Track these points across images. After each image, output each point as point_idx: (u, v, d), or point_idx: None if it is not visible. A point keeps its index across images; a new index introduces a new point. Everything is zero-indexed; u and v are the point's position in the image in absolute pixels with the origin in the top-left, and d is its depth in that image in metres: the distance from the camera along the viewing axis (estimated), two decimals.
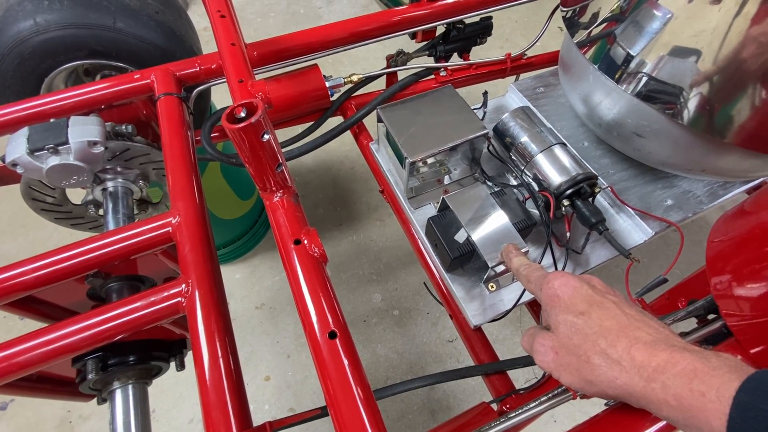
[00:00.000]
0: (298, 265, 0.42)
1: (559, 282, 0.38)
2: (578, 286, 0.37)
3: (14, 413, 1.18)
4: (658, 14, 0.56)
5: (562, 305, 0.37)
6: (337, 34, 0.80)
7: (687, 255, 0.60)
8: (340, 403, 0.34)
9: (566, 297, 0.37)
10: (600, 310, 0.35)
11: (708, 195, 0.69)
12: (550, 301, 0.38)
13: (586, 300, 0.36)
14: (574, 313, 0.36)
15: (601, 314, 0.35)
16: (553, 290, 0.38)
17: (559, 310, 0.37)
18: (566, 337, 0.35)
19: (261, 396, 1.21)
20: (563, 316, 0.36)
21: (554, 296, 0.38)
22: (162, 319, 0.48)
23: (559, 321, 0.36)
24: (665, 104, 0.55)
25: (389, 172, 0.74)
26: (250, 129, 0.34)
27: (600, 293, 0.37)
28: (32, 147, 0.58)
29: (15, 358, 0.45)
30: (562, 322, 0.36)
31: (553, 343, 0.36)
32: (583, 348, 0.34)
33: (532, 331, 0.41)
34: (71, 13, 0.72)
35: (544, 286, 0.39)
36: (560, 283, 0.38)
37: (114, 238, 0.52)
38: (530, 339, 0.40)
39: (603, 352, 0.33)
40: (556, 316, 0.37)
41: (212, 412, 0.42)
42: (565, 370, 0.35)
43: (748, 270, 0.45)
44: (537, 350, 0.38)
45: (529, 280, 0.43)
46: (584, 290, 0.37)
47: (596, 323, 0.34)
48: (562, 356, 0.35)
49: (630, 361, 0.31)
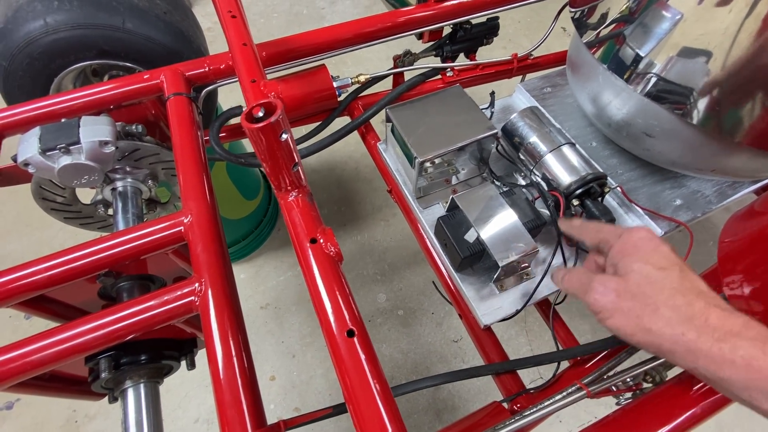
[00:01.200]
0: (315, 264, 0.42)
1: (643, 234, 0.39)
2: (660, 244, 0.38)
3: (20, 413, 1.18)
4: (667, 15, 0.56)
5: (640, 255, 0.37)
6: (345, 35, 0.80)
7: (692, 255, 0.60)
8: (359, 401, 0.34)
9: (648, 249, 0.37)
10: (681, 270, 0.36)
11: (717, 195, 0.69)
12: (627, 249, 0.38)
13: (667, 258, 0.37)
14: (654, 265, 0.36)
15: (682, 275, 0.35)
16: (633, 240, 0.39)
17: (636, 258, 0.37)
18: (636, 284, 0.36)
19: (266, 396, 1.22)
20: (640, 265, 0.37)
21: (634, 246, 0.38)
22: (175, 318, 0.48)
23: (633, 268, 0.37)
24: (675, 104, 0.55)
25: (397, 172, 0.75)
26: (269, 129, 0.35)
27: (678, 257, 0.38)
28: (44, 147, 0.59)
29: (29, 357, 0.46)
30: (636, 271, 0.36)
31: (618, 287, 0.36)
32: (654, 298, 0.34)
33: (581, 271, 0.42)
34: (81, 14, 0.72)
35: (625, 234, 0.40)
36: (644, 236, 0.39)
37: (126, 238, 0.52)
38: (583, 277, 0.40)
39: (677, 307, 0.33)
40: (631, 263, 0.37)
41: (227, 411, 0.42)
42: (621, 314, 0.36)
43: (761, 270, 0.45)
44: (595, 288, 0.38)
45: (600, 228, 0.43)
46: (665, 249, 0.37)
47: (676, 281, 0.35)
48: (624, 300, 0.36)
49: (704, 321, 0.32)
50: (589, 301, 0.38)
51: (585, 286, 0.39)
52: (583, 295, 0.39)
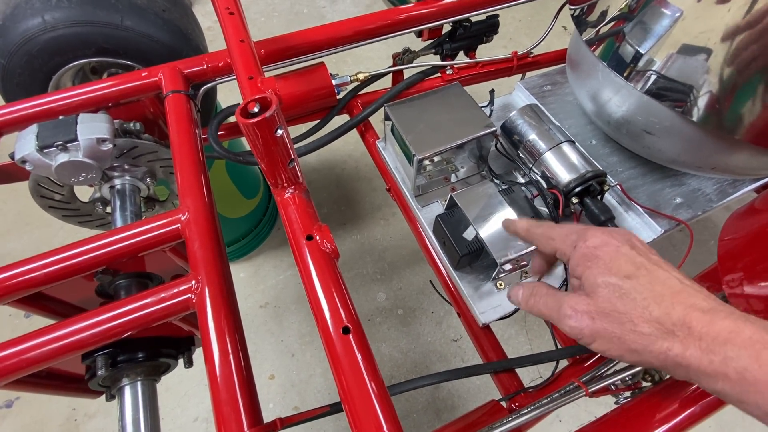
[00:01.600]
0: (311, 261, 0.42)
1: (599, 240, 0.34)
2: (619, 246, 0.33)
3: (20, 411, 1.18)
4: (667, 12, 0.55)
5: (601, 266, 0.33)
6: (344, 32, 0.80)
7: (693, 255, 0.60)
8: (355, 399, 0.34)
9: (607, 257, 0.33)
10: (648, 273, 0.32)
11: (717, 193, 0.68)
12: (586, 261, 0.34)
13: (631, 261, 0.32)
14: (618, 275, 0.32)
15: (651, 278, 0.31)
16: (589, 249, 0.34)
17: (599, 271, 0.33)
18: (607, 301, 0.32)
19: (265, 395, 1.21)
20: (604, 278, 0.32)
21: (592, 256, 0.33)
22: (172, 316, 0.48)
23: (598, 283, 0.32)
24: (675, 101, 0.55)
25: (396, 170, 0.74)
26: (264, 124, 0.34)
27: (644, 254, 0.33)
28: (41, 144, 0.59)
29: (25, 354, 0.46)
30: (602, 285, 0.32)
31: (589, 308, 0.32)
32: (629, 314, 0.31)
33: (546, 290, 0.37)
34: (79, 11, 0.72)
35: (579, 243, 0.35)
36: (600, 242, 0.34)
37: (124, 235, 0.52)
38: (549, 301, 0.36)
39: (655, 320, 0.30)
40: (595, 278, 0.33)
41: (223, 408, 0.42)
42: (603, 338, 0.32)
43: (761, 268, 0.45)
44: (567, 314, 0.33)
45: (551, 236, 0.38)
46: (626, 251, 0.33)
47: (646, 288, 0.31)
48: (600, 323, 0.32)
49: (686, 330, 0.29)
50: (565, 329, 0.34)
51: (555, 312, 0.35)
52: (557, 322, 0.35)
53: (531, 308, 0.38)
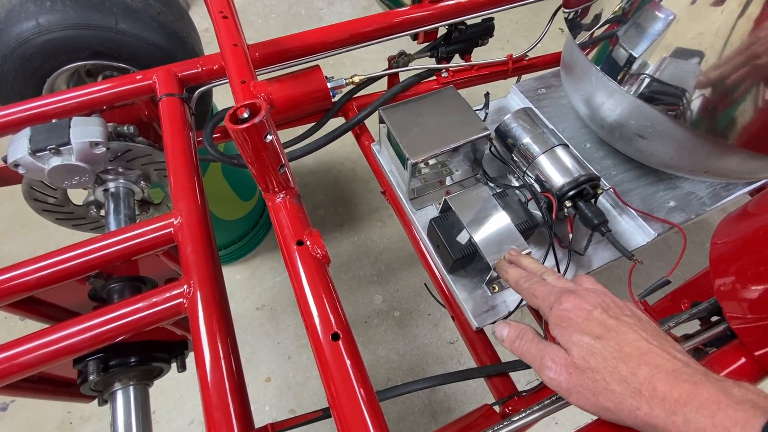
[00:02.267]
0: (301, 267, 0.42)
1: (572, 305, 0.37)
2: (591, 310, 0.36)
3: (15, 414, 1.18)
4: (660, 16, 0.56)
5: (574, 326, 0.36)
6: (339, 36, 0.80)
7: (688, 256, 0.60)
8: (343, 406, 0.34)
9: (580, 320, 0.36)
10: (618, 335, 0.34)
11: (711, 196, 0.69)
12: (561, 322, 0.37)
13: (601, 324, 0.35)
14: (590, 335, 0.35)
15: (619, 339, 0.34)
16: (563, 312, 0.37)
17: (572, 330, 0.36)
18: (582, 359, 0.34)
19: (262, 397, 1.21)
20: (578, 336, 0.35)
21: (565, 318, 0.37)
22: (164, 320, 0.48)
23: (573, 342, 0.35)
24: (668, 105, 0.55)
25: (391, 173, 0.74)
26: (253, 130, 0.34)
27: (615, 315, 0.36)
28: (34, 147, 0.58)
29: (16, 359, 0.45)
30: (576, 344, 0.35)
31: (567, 363, 0.35)
32: (602, 373, 0.33)
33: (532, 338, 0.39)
34: (74, 14, 0.72)
35: (555, 305, 0.38)
36: (572, 306, 0.37)
37: (116, 239, 0.52)
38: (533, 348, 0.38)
39: (624, 379, 0.32)
40: (569, 336, 0.36)
41: (214, 414, 0.42)
42: (579, 394, 0.34)
43: (753, 272, 0.45)
44: (547, 366, 0.36)
45: (535, 295, 0.42)
46: (598, 314, 0.36)
47: (615, 348, 0.33)
48: (576, 378, 0.34)
49: (651, 391, 0.30)
50: (544, 379, 0.37)
51: (537, 360, 0.38)
52: (537, 370, 0.37)
53: (515, 350, 0.40)
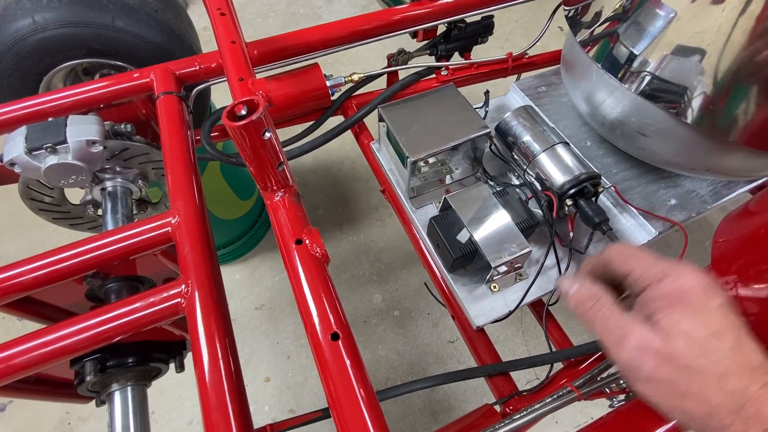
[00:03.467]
0: (300, 266, 0.41)
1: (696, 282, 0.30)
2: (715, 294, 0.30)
3: (13, 415, 1.17)
4: (661, 13, 0.55)
5: (690, 312, 0.30)
6: (338, 33, 0.79)
7: (688, 255, 0.60)
8: (343, 406, 0.33)
9: (700, 303, 0.30)
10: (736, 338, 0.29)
11: (712, 194, 0.68)
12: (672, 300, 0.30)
13: (722, 317, 0.29)
14: (707, 328, 0.29)
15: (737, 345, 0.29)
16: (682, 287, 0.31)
17: (686, 314, 0.30)
18: (684, 354, 0.29)
19: (261, 397, 1.21)
20: (690, 324, 0.29)
21: (681, 297, 0.30)
22: (161, 320, 0.48)
23: (681, 329, 0.29)
24: (669, 103, 0.55)
25: (390, 172, 0.74)
26: (251, 127, 0.34)
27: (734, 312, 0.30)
28: (30, 146, 0.58)
29: (13, 360, 0.45)
30: (686, 333, 0.29)
31: (662, 350, 0.29)
32: (705, 377, 0.28)
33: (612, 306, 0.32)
34: (70, 12, 0.71)
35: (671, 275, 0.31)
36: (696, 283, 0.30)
37: (113, 238, 0.52)
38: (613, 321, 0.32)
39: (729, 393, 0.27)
40: (678, 320, 0.29)
41: (212, 415, 0.41)
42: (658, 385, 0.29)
43: (755, 270, 0.45)
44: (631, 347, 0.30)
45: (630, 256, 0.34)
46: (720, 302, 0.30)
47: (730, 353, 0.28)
48: (666, 372, 0.29)
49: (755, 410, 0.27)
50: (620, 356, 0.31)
51: (615, 335, 0.31)
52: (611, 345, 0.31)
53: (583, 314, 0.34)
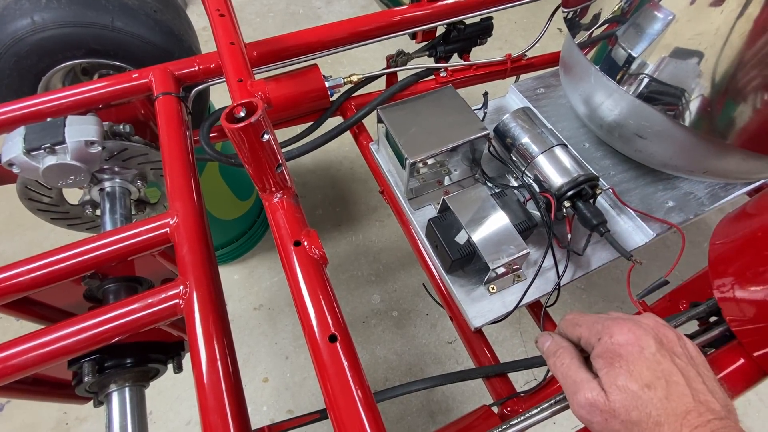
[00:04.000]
0: (298, 267, 0.41)
1: (624, 338, 0.34)
2: (645, 348, 0.34)
3: (10, 415, 1.17)
4: (659, 16, 0.55)
5: (623, 368, 0.33)
6: (337, 34, 0.79)
7: (686, 257, 0.60)
8: (341, 407, 0.33)
9: (630, 359, 0.33)
10: (667, 384, 0.32)
11: (709, 197, 0.68)
12: (609, 358, 0.34)
13: (653, 368, 0.33)
14: (638, 383, 0.32)
15: (668, 392, 0.32)
16: (614, 346, 0.34)
17: (619, 372, 0.33)
18: (623, 408, 0.32)
19: (259, 398, 1.21)
20: (623, 381, 0.33)
21: (615, 354, 0.34)
22: (160, 321, 0.48)
23: (618, 386, 0.33)
24: (667, 105, 0.55)
25: (389, 173, 0.74)
26: (250, 129, 0.34)
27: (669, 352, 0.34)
28: (29, 146, 0.58)
29: (11, 361, 0.45)
30: (621, 389, 0.33)
31: (605, 407, 0.33)
32: (641, 427, 0.32)
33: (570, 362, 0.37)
34: (69, 12, 0.71)
35: (604, 336, 0.35)
36: (625, 340, 0.34)
37: (111, 239, 0.52)
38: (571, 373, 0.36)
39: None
40: (615, 378, 0.33)
41: (210, 416, 0.41)
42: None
43: (751, 272, 0.45)
44: (581, 403, 0.34)
45: (578, 323, 0.39)
46: (651, 354, 0.33)
47: (661, 402, 0.31)
48: (611, 424, 0.33)
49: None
50: (574, 411, 0.35)
51: (570, 390, 0.36)
52: (569, 399, 0.36)
53: (549, 366, 0.39)
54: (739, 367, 0.45)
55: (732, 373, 0.45)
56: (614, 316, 0.37)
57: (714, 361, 0.46)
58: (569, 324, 0.40)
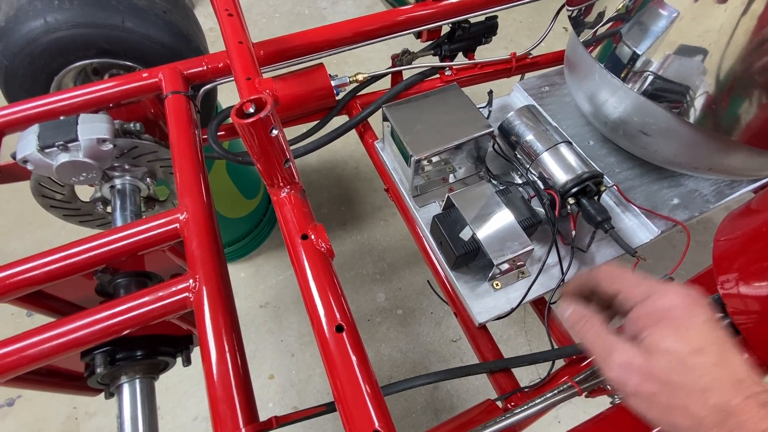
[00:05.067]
0: (306, 260, 0.42)
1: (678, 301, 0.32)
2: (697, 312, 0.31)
3: (21, 409, 1.19)
4: (664, 13, 0.56)
5: (672, 330, 0.31)
6: (343, 34, 0.80)
7: (692, 255, 0.60)
8: (348, 397, 0.34)
9: (682, 321, 0.31)
10: (719, 353, 0.30)
11: (714, 194, 0.68)
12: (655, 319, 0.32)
13: (704, 334, 0.31)
14: (688, 346, 0.30)
15: (720, 359, 0.30)
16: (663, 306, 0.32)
17: (667, 333, 0.31)
18: (666, 370, 0.30)
19: (265, 394, 1.22)
20: (672, 343, 0.30)
21: (663, 316, 0.32)
22: (170, 314, 0.49)
23: (662, 348, 0.30)
24: (672, 102, 0.55)
25: (394, 171, 0.75)
26: (259, 124, 0.35)
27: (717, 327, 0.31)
28: (42, 144, 0.59)
29: (25, 351, 0.46)
30: (666, 352, 0.30)
31: (644, 368, 0.31)
32: (688, 392, 0.29)
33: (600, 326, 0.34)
34: (81, 13, 0.73)
35: (653, 295, 0.33)
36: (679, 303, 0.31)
37: (123, 234, 0.53)
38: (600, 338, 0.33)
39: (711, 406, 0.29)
40: (661, 340, 0.31)
41: (219, 406, 0.42)
42: (644, 399, 0.31)
43: (756, 268, 0.45)
44: (617, 363, 0.32)
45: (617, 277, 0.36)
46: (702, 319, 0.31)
47: (712, 369, 0.29)
48: (650, 387, 0.30)
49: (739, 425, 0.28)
50: (607, 374, 0.32)
51: (602, 353, 0.33)
52: (600, 363, 0.33)
53: (576, 334, 0.36)
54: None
55: None
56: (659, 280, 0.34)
57: None
58: (606, 276, 0.37)
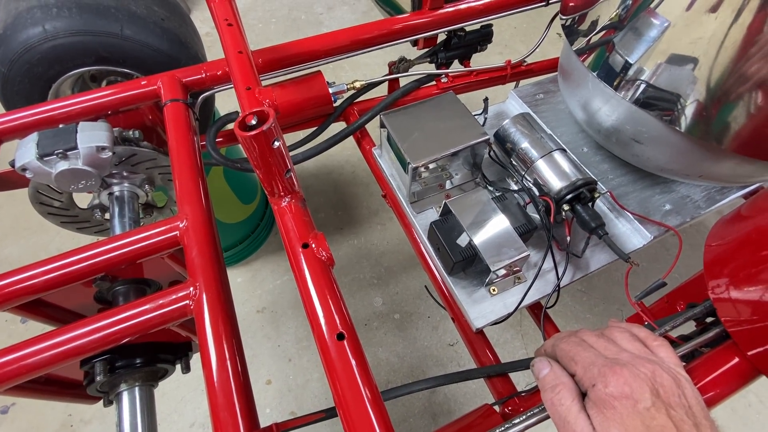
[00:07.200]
0: (306, 268, 0.43)
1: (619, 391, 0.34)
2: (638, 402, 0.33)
3: (15, 417, 1.18)
4: (656, 22, 0.57)
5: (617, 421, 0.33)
6: (341, 42, 0.81)
7: (685, 259, 0.61)
8: (349, 404, 0.34)
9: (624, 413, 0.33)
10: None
11: (705, 200, 0.70)
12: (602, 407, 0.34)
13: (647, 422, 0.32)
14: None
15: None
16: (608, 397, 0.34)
17: (612, 425, 0.33)
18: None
19: (262, 400, 1.22)
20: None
21: (609, 405, 0.34)
22: (170, 322, 0.49)
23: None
24: (663, 111, 0.57)
25: (392, 177, 0.75)
26: (262, 137, 0.35)
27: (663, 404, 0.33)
28: (42, 152, 0.59)
29: (25, 361, 0.46)
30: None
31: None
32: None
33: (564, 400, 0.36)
34: (79, 21, 0.73)
35: (599, 383, 0.35)
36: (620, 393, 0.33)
37: (123, 242, 0.53)
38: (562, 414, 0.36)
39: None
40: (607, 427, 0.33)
41: (220, 413, 0.42)
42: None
43: (745, 273, 0.46)
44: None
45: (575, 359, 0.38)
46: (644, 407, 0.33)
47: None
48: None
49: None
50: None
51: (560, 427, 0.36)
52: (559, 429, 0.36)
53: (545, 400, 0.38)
54: (734, 366, 0.46)
55: (727, 371, 0.46)
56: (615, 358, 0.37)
57: (709, 360, 0.47)
58: (565, 355, 0.40)
